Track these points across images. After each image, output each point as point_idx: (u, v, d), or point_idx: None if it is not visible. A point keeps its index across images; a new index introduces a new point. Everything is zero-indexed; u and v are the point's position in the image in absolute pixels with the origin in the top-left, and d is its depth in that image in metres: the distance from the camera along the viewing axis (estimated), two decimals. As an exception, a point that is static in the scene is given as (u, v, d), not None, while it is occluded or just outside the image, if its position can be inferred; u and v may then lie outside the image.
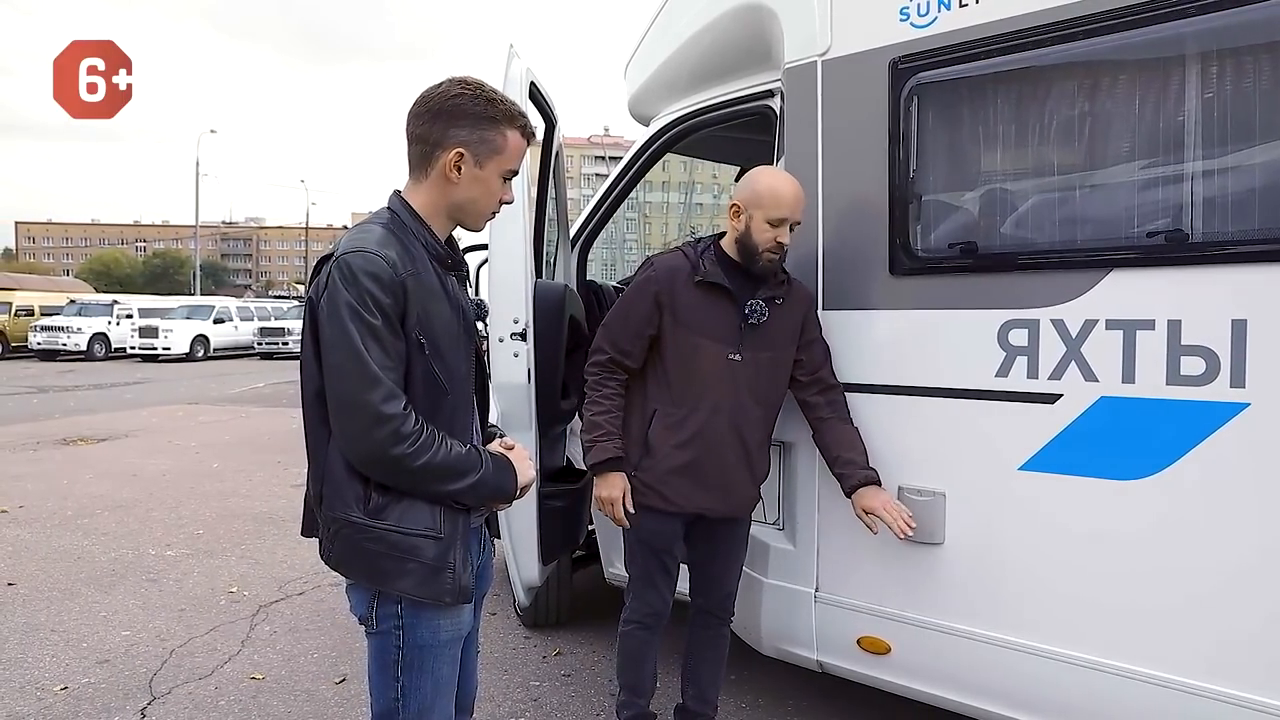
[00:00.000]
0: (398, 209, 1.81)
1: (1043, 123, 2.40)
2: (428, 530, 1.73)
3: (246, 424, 11.77)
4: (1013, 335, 2.38)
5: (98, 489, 7.42)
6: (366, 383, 1.64)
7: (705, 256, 2.62)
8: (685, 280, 2.59)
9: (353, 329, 1.64)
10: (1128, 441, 2.21)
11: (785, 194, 2.54)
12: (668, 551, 2.73)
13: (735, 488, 2.67)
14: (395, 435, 1.65)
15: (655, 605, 2.77)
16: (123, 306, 27.09)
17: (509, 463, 1.86)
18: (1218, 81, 2.13)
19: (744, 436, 2.63)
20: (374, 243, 1.70)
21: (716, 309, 2.59)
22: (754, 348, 2.60)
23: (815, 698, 3.45)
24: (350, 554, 1.75)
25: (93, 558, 5.42)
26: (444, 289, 1.80)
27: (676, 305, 2.58)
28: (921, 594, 2.59)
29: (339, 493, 1.73)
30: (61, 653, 3.93)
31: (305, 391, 1.77)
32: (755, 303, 2.58)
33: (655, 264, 2.67)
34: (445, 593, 1.75)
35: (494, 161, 1.80)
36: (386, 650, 1.80)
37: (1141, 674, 2.19)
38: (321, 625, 4.29)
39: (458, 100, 1.76)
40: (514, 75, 2.98)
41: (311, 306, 1.74)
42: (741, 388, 2.60)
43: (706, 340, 2.57)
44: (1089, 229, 2.33)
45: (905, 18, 2.55)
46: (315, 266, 1.79)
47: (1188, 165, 2.16)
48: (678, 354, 2.59)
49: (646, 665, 2.83)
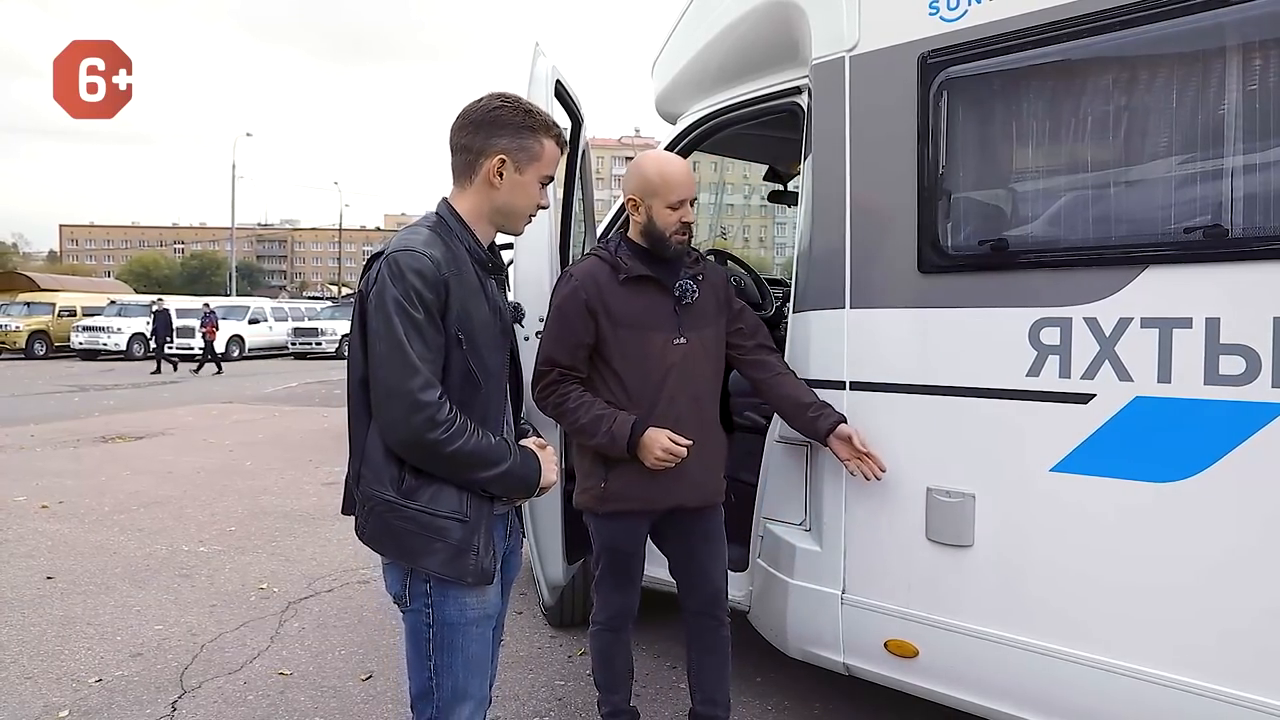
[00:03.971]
0: (444, 214, 1.96)
1: (1076, 117, 2.34)
2: (454, 513, 1.85)
3: (279, 423, 11.93)
4: (1044, 334, 2.33)
5: (134, 486, 7.56)
6: (407, 371, 1.76)
7: (620, 253, 2.64)
8: (609, 281, 2.60)
9: (397, 321, 1.77)
10: (1164, 443, 2.15)
11: (676, 175, 2.60)
12: (633, 555, 2.76)
13: (705, 473, 2.67)
14: (430, 421, 1.77)
15: (620, 607, 2.83)
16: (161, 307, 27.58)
17: (536, 459, 1.97)
18: (1260, 73, 2.07)
19: (702, 418, 2.66)
20: (421, 243, 1.84)
21: (649, 300, 2.61)
22: (693, 328, 2.64)
23: (841, 701, 3.41)
24: (382, 530, 1.87)
25: (128, 553, 5.52)
26: (484, 290, 1.93)
27: (609, 308, 2.58)
28: (950, 597, 2.54)
29: (376, 473, 1.86)
30: (96, 645, 4.00)
31: (350, 379, 1.91)
32: (684, 283, 2.63)
33: (575, 274, 2.65)
34: (468, 573, 1.87)
35: (533, 167, 1.96)
36: (419, 628, 1.91)
37: (1175, 681, 2.13)
38: (349, 622, 4.32)
39: (499, 112, 1.93)
40: (539, 74, 2.98)
41: (361, 299, 1.88)
42: (692, 371, 2.63)
43: (649, 332, 2.59)
44: (1123, 225, 2.27)
45: (934, 11, 2.51)
46: (367, 263, 1.92)
47: (1227, 160, 2.10)
48: (625, 354, 2.59)
49: (617, 663, 2.89)
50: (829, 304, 2.77)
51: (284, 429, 11.30)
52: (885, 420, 2.65)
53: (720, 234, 22.61)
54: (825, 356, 2.80)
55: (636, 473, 2.58)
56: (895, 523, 2.65)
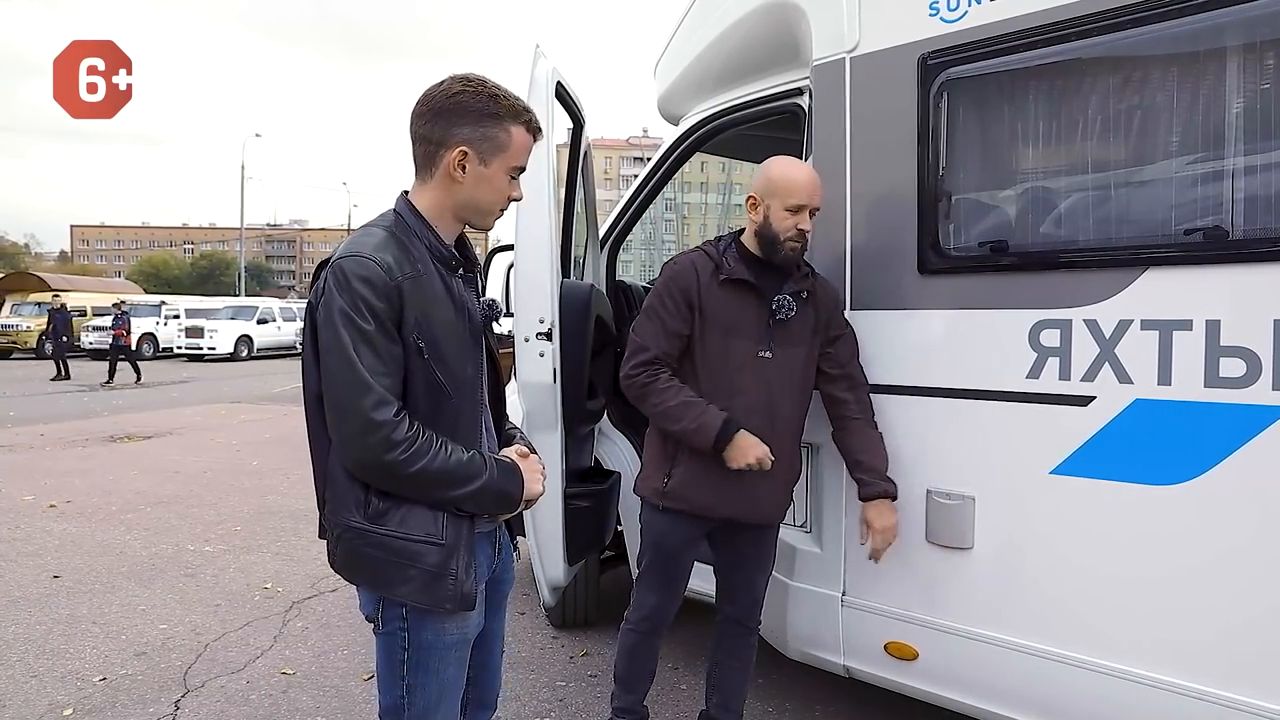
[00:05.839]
0: (402, 210, 1.80)
1: (1076, 118, 2.34)
2: (428, 536, 1.72)
3: (286, 422, 11.95)
4: (1044, 336, 2.32)
5: (141, 485, 7.59)
6: (358, 389, 1.63)
7: (728, 254, 2.58)
8: (710, 278, 2.55)
9: (345, 335, 1.63)
10: (1164, 445, 2.14)
11: (800, 180, 2.51)
12: (679, 557, 2.69)
13: (766, 493, 2.60)
14: (386, 442, 1.63)
15: (657, 611, 2.75)
16: (170, 307, 27.80)
17: (516, 471, 1.82)
18: (1261, 74, 2.05)
19: (776, 434, 2.55)
20: (370, 247, 1.68)
21: (744, 306, 2.54)
22: (783, 344, 2.55)
23: (842, 703, 3.41)
24: (353, 559, 1.75)
25: (134, 552, 5.54)
26: (448, 291, 1.78)
27: (704, 304, 2.53)
28: (950, 599, 2.54)
29: (340, 498, 1.73)
30: (101, 644, 4.02)
31: (307, 396, 1.76)
32: (783, 298, 2.53)
33: (680, 262, 2.63)
34: (447, 599, 1.74)
35: (499, 159, 1.77)
36: (393, 650, 1.80)
37: (1176, 685, 2.12)
38: (352, 622, 4.33)
39: (460, 98, 1.74)
40: (539, 76, 2.98)
41: (311, 311, 1.74)
42: (772, 386, 2.55)
43: (736, 339, 2.52)
44: (1124, 227, 2.26)
45: (935, 12, 2.50)
46: (315, 271, 1.78)
47: (1229, 161, 2.09)
48: (708, 354, 2.54)
49: (642, 665, 2.83)
50: (829, 305, 2.75)
51: (291, 429, 11.31)
52: (885, 422, 2.64)
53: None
54: (825, 358, 2.78)
55: (703, 476, 2.52)
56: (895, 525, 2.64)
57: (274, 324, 27.81)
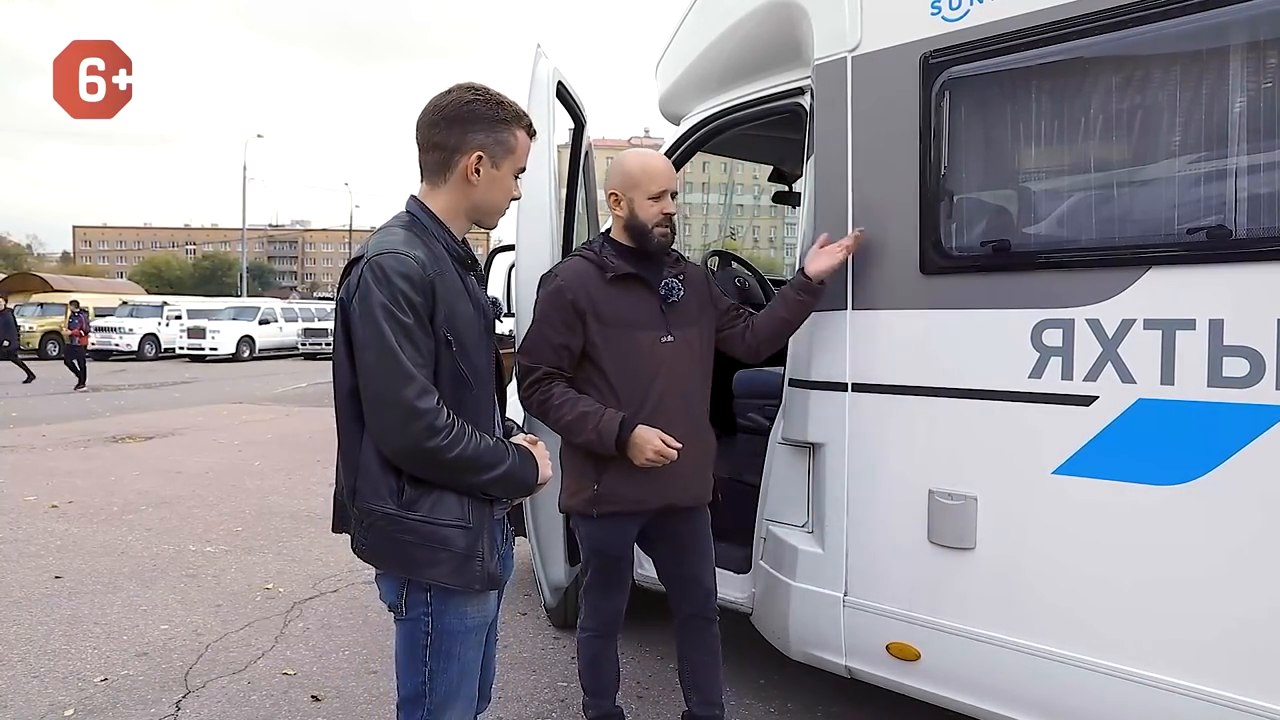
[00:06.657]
0: (417, 213, 1.90)
1: (1078, 117, 2.33)
2: (457, 520, 1.81)
3: (288, 423, 11.97)
4: (1046, 335, 2.31)
5: (143, 485, 7.60)
6: (402, 379, 1.72)
7: (605, 253, 2.64)
8: (597, 280, 2.59)
9: (387, 328, 1.72)
10: (1167, 445, 2.13)
11: (658, 168, 2.63)
12: (622, 559, 2.76)
13: (693, 471, 2.65)
14: (430, 429, 1.73)
15: (609, 613, 2.84)
16: (172, 308, 27.80)
17: (532, 456, 1.94)
18: (1264, 73, 2.05)
19: (692, 417, 2.65)
20: (402, 244, 1.79)
21: (637, 299, 2.61)
22: (679, 326, 2.64)
23: (844, 704, 3.40)
24: (383, 545, 1.82)
25: (136, 553, 5.55)
26: (466, 288, 1.89)
27: (597, 307, 2.56)
28: (952, 600, 2.53)
29: (373, 486, 1.80)
30: (103, 645, 4.02)
31: (338, 390, 1.84)
32: (669, 281, 2.66)
33: (560, 273, 2.64)
34: (475, 580, 1.84)
35: (508, 161, 1.93)
36: (415, 636, 1.87)
37: (1178, 685, 2.11)
38: (353, 623, 4.33)
39: (472, 106, 1.87)
40: (540, 75, 2.97)
41: (343, 307, 1.81)
42: (679, 368, 2.63)
43: (637, 331, 2.59)
44: (1126, 226, 2.26)
45: (936, 11, 2.50)
46: (345, 268, 1.85)
47: (1232, 160, 2.09)
48: (613, 354, 2.58)
49: (605, 667, 2.91)
50: (831, 305, 2.75)
51: (293, 429, 11.34)
52: (887, 422, 2.63)
53: (729, 234, 22.57)
54: (827, 358, 2.78)
55: (629, 473, 2.56)
56: (897, 525, 2.64)
57: (276, 325, 27.83)
